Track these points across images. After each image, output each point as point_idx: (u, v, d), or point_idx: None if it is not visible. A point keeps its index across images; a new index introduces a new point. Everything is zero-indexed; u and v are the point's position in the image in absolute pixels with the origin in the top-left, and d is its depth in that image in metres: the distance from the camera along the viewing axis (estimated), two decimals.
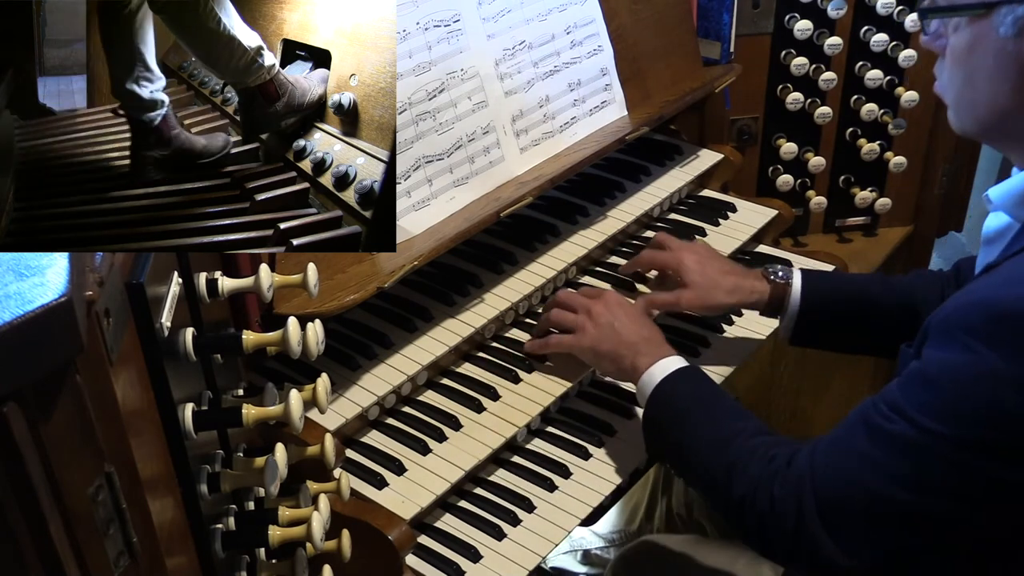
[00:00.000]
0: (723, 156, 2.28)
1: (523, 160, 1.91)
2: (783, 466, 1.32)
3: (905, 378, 1.22)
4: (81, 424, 0.86)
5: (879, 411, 1.21)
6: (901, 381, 1.22)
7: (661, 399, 1.53)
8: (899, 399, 1.20)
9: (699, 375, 1.57)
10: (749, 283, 1.77)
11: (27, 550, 0.84)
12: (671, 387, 1.53)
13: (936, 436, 1.15)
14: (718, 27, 2.33)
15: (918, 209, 2.73)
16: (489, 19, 1.87)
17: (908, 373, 1.22)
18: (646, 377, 1.56)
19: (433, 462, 1.60)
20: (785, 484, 1.29)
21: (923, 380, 1.18)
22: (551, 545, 1.55)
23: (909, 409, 1.18)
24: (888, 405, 1.21)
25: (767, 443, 1.38)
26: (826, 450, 1.28)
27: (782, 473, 1.31)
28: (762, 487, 1.32)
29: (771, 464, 1.33)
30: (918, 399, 1.17)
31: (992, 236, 1.32)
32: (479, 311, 1.80)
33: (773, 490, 1.30)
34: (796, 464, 1.30)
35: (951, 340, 1.15)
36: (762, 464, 1.34)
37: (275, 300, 1.45)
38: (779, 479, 1.31)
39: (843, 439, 1.26)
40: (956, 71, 1.26)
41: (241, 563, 1.27)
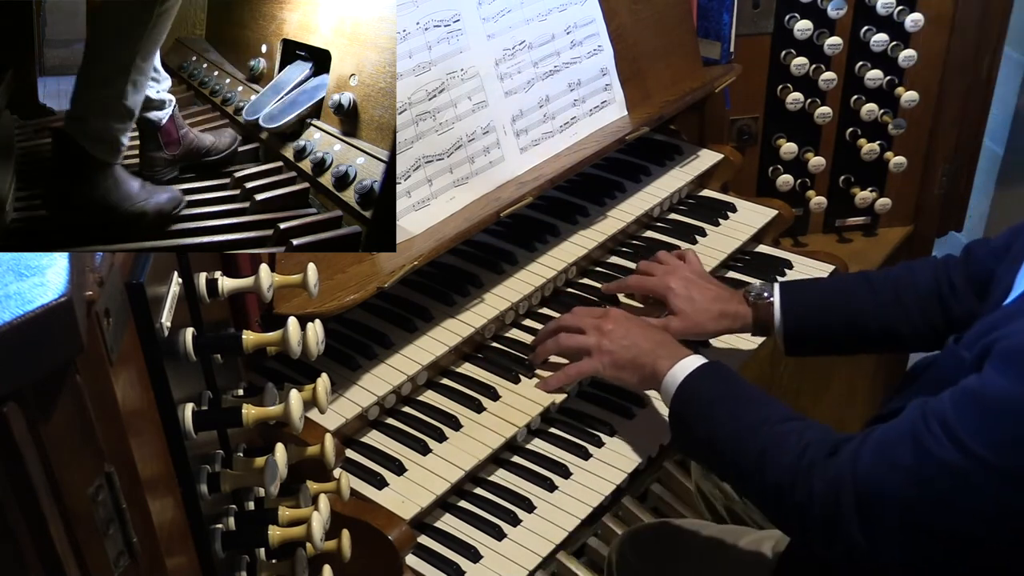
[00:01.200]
0: (723, 156, 2.28)
1: (523, 160, 1.91)
2: (821, 458, 1.31)
3: (960, 397, 1.19)
4: (81, 424, 0.86)
5: (930, 428, 1.19)
6: (955, 399, 1.19)
7: (686, 396, 1.54)
8: (951, 419, 1.17)
9: (721, 368, 1.58)
10: (733, 308, 1.79)
11: (27, 550, 0.84)
12: (695, 383, 1.54)
13: (985, 465, 1.13)
14: (718, 27, 2.33)
15: (918, 209, 2.73)
16: (489, 19, 1.87)
17: (964, 392, 1.19)
18: (669, 378, 1.56)
19: (433, 462, 1.60)
20: (824, 477, 1.29)
21: (980, 405, 1.16)
22: (551, 545, 1.55)
23: (961, 433, 1.15)
24: (940, 423, 1.18)
25: (798, 429, 1.38)
26: (871, 454, 1.26)
27: (820, 464, 1.30)
28: (801, 478, 1.31)
29: (806, 454, 1.33)
30: (972, 424, 1.15)
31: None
32: (479, 311, 1.80)
33: (812, 482, 1.30)
34: (838, 460, 1.29)
35: (1015, 371, 1.13)
36: (796, 453, 1.33)
37: (275, 300, 1.45)
38: (818, 471, 1.30)
39: (890, 448, 1.24)
40: None
41: (241, 563, 1.27)
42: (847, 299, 1.72)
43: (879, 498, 1.23)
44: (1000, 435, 1.13)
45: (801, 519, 1.33)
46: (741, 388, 1.52)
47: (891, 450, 1.24)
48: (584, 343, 1.70)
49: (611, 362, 1.66)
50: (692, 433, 1.53)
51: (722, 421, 1.46)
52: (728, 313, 1.78)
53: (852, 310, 1.71)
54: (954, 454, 1.15)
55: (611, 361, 1.66)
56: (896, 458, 1.22)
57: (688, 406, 1.53)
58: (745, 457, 1.40)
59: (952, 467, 1.16)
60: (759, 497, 1.42)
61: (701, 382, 1.54)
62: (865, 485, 1.24)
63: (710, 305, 1.79)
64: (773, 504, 1.38)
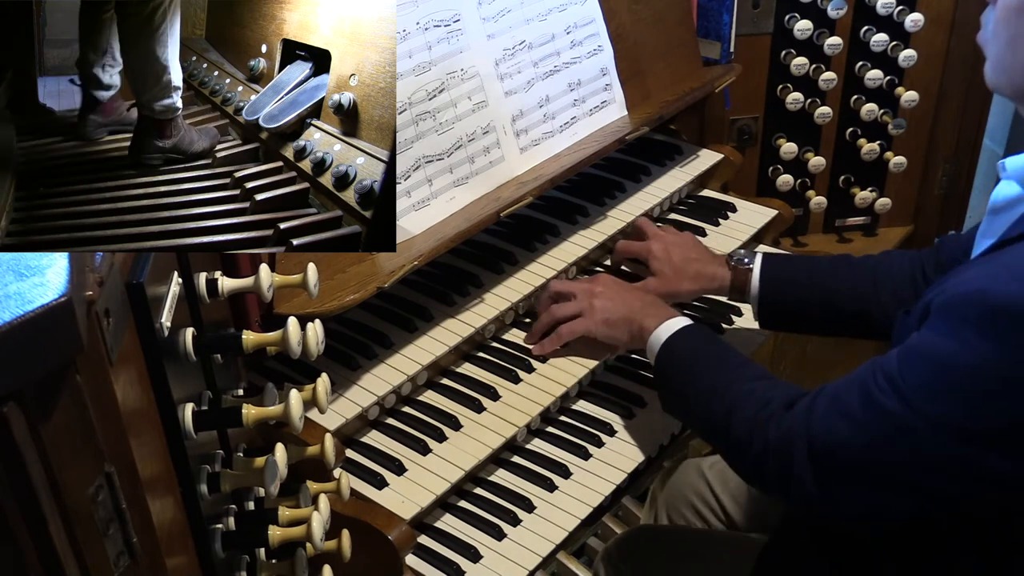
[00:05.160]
0: (723, 156, 2.28)
1: (523, 160, 1.91)
2: (779, 409, 1.37)
3: (904, 352, 1.24)
4: (81, 424, 0.86)
5: (876, 381, 1.24)
6: (900, 354, 1.24)
7: (668, 353, 1.61)
8: (895, 373, 1.22)
9: (704, 330, 1.66)
10: (711, 270, 1.85)
11: (27, 550, 0.84)
12: (679, 341, 1.61)
13: (924, 416, 1.18)
14: (718, 27, 2.33)
15: (918, 209, 2.73)
16: (489, 19, 1.87)
17: (908, 348, 1.24)
18: (654, 336, 1.63)
19: (433, 462, 1.60)
20: (779, 428, 1.35)
21: (920, 358, 1.21)
22: (551, 545, 1.55)
23: (903, 385, 1.21)
24: (885, 376, 1.23)
25: (764, 387, 1.44)
26: (824, 405, 1.31)
27: (777, 416, 1.36)
28: (758, 429, 1.37)
29: (767, 407, 1.38)
30: (913, 377, 1.20)
31: (1000, 205, 1.31)
32: (479, 311, 1.80)
33: (768, 434, 1.36)
34: (795, 411, 1.34)
35: (948, 325, 1.18)
36: (758, 406, 1.40)
37: (275, 300, 1.45)
38: (774, 422, 1.36)
39: (841, 398, 1.29)
40: (1002, 29, 1.24)
41: (241, 563, 1.27)
42: (826, 278, 1.76)
43: (829, 448, 1.28)
44: (937, 385, 1.18)
45: (759, 470, 1.39)
46: (720, 349, 1.59)
47: (842, 401, 1.29)
48: (576, 308, 1.76)
49: (603, 320, 1.73)
50: (671, 387, 1.61)
51: (698, 378, 1.54)
52: (705, 274, 1.85)
53: (830, 289, 1.75)
54: (898, 405, 1.21)
55: (603, 320, 1.73)
56: (846, 409, 1.27)
57: (669, 362, 1.60)
58: (715, 413, 1.46)
59: (897, 417, 1.21)
60: (726, 452, 1.49)
61: (684, 341, 1.61)
62: (817, 435, 1.29)
63: (687, 266, 1.86)
64: (738, 458, 1.45)
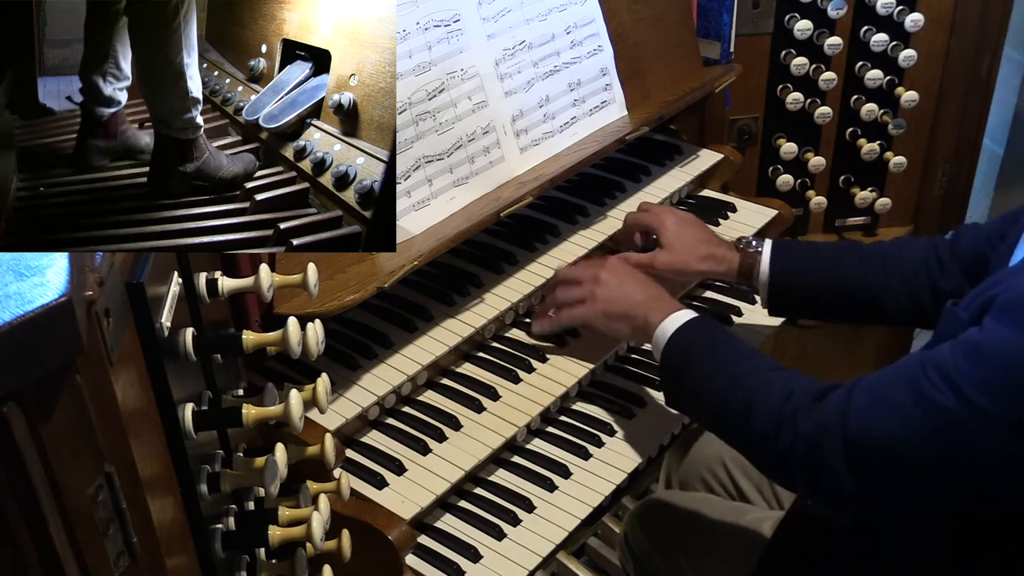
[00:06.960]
0: (723, 156, 2.28)
1: (523, 160, 1.91)
2: (806, 401, 1.34)
3: (960, 347, 1.21)
4: (81, 424, 0.86)
5: (928, 377, 1.21)
6: (955, 350, 1.21)
7: (676, 348, 1.57)
8: (952, 369, 1.19)
9: (710, 323, 1.62)
10: (721, 252, 1.82)
11: (27, 550, 0.84)
12: (686, 335, 1.57)
13: (985, 413, 1.16)
14: (718, 27, 2.33)
15: (918, 209, 2.73)
16: (489, 19, 1.87)
17: (965, 343, 1.21)
18: (660, 330, 1.59)
19: (433, 462, 1.60)
20: (809, 420, 1.32)
21: (980, 355, 1.18)
22: (551, 545, 1.55)
23: (961, 381, 1.18)
24: (939, 372, 1.20)
25: (783, 377, 1.41)
26: (865, 397, 1.28)
27: (805, 409, 1.33)
28: (786, 423, 1.34)
29: (791, 399, 1.35)
30: (972, 373, 1.17)
31: None
32: (479, 311, 1.80)
33: (797, 426, 1.33)
34: (825, 405, 1.32)
35: (1017, 319, 1.15)
36: (781, 399, 1.36)
37: (275, 300, 1.45)
38: (802, 415, 1.33)
39: (886, 391, 1.26)
40: None
41: (241, 563, 1.27)
42: (836, 264, 1.74)
43: (871, 442, 1.26)
44: (1000, 383, 1.15)
45: (785, 463, 1.36)
46: (730, 341, 1.56)
47: (887, 395, 1.26)
48: (580, 293, 1.74)
49: (603, 312, 1.70)
50: (681, 384, 1.57)
51: (710, 371, 1.50)
52: (715, 255, 1.81)
53: (839, 276, 1.73)
54: (953, 401, 1.18)
55: (603, 311, 1.70)
56: (893, 403, 1.25)
57: (677, 358, 1.57)
58: (731, 406, 1.43)
59: (951, 413, 1.18)
60: (745, 445, 1.45)
61: (691, 335, 1.57)
62: (856, 424, 1.27)
63: (698, 245, 1.83)
64: (759, 451, 1.42)
